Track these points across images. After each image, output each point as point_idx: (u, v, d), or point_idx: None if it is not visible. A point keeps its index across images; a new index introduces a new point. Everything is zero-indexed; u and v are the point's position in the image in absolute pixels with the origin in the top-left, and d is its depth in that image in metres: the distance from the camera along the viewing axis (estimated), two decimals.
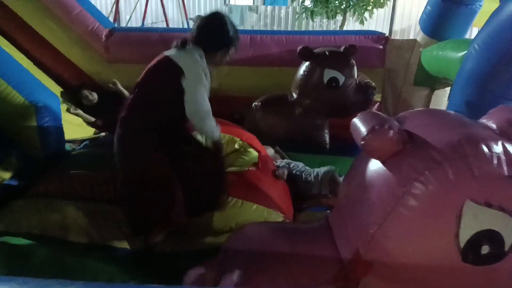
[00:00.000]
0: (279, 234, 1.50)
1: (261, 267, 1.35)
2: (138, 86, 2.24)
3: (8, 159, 2.71)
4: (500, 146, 1.09)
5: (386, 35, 3.85)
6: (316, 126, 3.27)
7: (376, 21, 7.68)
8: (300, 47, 3.15)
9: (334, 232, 1.41)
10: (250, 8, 8.48)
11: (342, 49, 3.12)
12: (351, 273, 1.26)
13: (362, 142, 1.17)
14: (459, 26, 3.38)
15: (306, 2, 7.14)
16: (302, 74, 3.19)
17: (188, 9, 7.97)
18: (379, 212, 1.17)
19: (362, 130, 1.18)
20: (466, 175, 1.07)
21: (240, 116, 3.42)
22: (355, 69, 3.15)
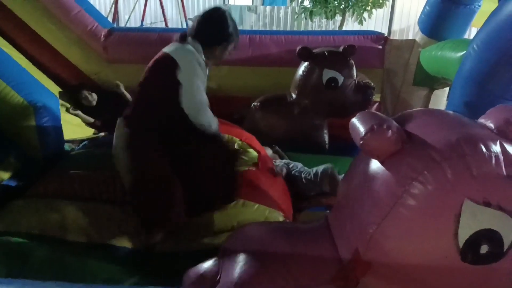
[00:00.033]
0: (279, 234, 1.49)
1: (260, 267, 1.35)
2: (140, 85, 2.25)
3: (7, 160, 2.70)
4: (498, 145, 1.09)
5: (385, 35, 3.86)
6: (315, 126, 3.27)
7: (375, 21, 7.69)
8: (299, 47, 3.15)
9: (334, 232, 1.41)
10: (249, 8, 8.48)
11: (341, 49, 3.12)
12: (351, 273, 1.26)
13: (361, 142, 1.17)
14: (458, 26, 3.38)
15: (305, 2, 7.14)
16: (301, 74, 3.19)
17: (187, 9, 7.97)
18: (378, 211, 1.17)
19: (360, 130, 1.18)
20: (465, 175, 1.07)
21: (239, 116, 3.42)
22: (354, 69, 3.15)
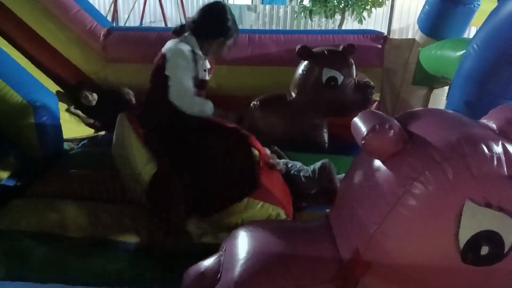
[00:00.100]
0: (279, 233, 1.49)
1: (261, 266, 1.35)
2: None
3: (6, 159, 2.70)
4: (499, 146, 1.09)
5: (385, 35, 3.85)
6: (315, 125, 3.27)
7: (374, 20, 7.70)
8: (298, 46, 3.15)
9: (334, 231, 1.41)
10: (248, 7, 8.47)
11: (341, 48, 3.11)
12: (350, 272, 1.26)
13: (363, 142, 1.17)
14: (458, 26, 3.38)
15: (305, 1, 7.14)
16: (301, 73, 3.19)
17: (186, 8, 7.97)
18: (379, 211, 1.17)
19: (362, 129, 1.18)
20: (465, 175, 1.07)
21: (239, 115, 3.42)
22: (354, 68, 3.15)
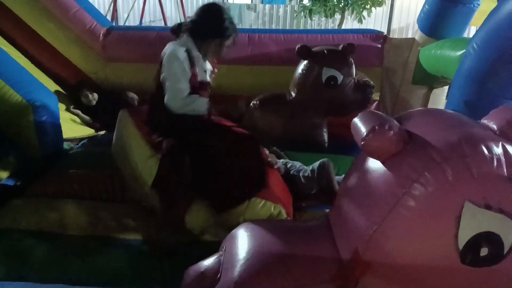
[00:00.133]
0: (279, 233, 1.49)
1: (261, 266, 1.35)
2: None
3: (6, 159, 2.70)
4: (499, 147, 1.08)
5: (385, 34, 3.86)
6: (314, 125, 3.26)
7: (374, 19, 7.69)
8: (298, 46, 3.14)
9: (334, 231, 1.41)
10: (248, 6, 8.47)
11: (341, 47, 3.11)
12: (350, 272, 1.26)
13: (362, 143, 1.17)
14: (457, 25, 3.38)
15: (305, 1, 7.14)
16: (301, 72, 3.18)
17: (186, 7, 7.96)
18: (379, 212, 1.17)
19: (362, 130, 1.17)
20: (465, 176, 1.07)
21: (238, 115, 3.41)
22: (354, 67, 3.15)
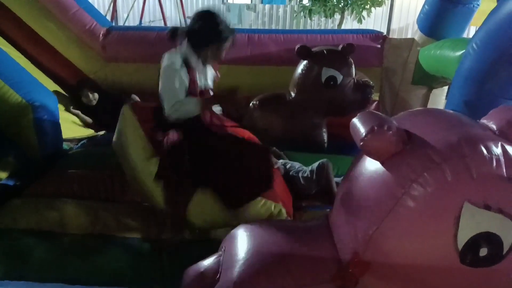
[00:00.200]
0: (279, 233, 1.49)
1: (260, 266, 1.35)
2: None
3: (6, 159, 2.70)
4: (499, 147, 1.08)
5: (384, 34, 3.86)
6: (314, 125, 3.26)
7: (374, 20, 7.69)
8: (298, 46, 3.14)
9: (333, 231, 1.41)
10: (248, 6, 8.47)
11: (340, 47, 3.11)
12: (350, 272, 1.26)
13: (361, 143, 1.17)
14: (457, 25, 3.38)
15: (304, 1, 7.14)
16: (300, 73, 3.18)
17: (186, 7, 7.96)
18: (378, 212, 1.17)
19: (361, 130, 1.17)
20: (464, 176, 1.06)
21: (238, 115, 3.41)
22: (353, 68, 3.15)
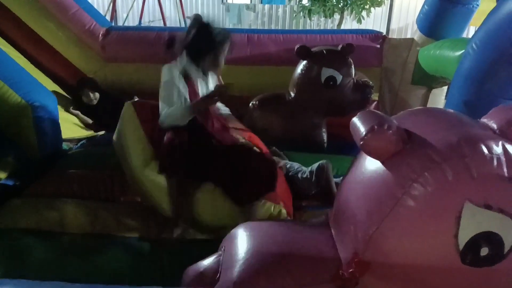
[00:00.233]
0: (279, 233, 1.49)
1: (260, 266, 1.35)
2: None
3: (5, 159, 2.69)
4: (499, 146, 1.08)
5: (384, 34, 3.86)
6: (313, 125, 3.27)
7: (373, 20, 7.69)
8: (297, 46, 3.15)
9: (333, 231, 1.41)
10: (247, 6, 8.47)
11: (340, 48, 3.12)
12: (350, 272, 1.25)
13: (361, 143, 1.16)
14: (456, 25, 3.38)
15: (304, 1, 7.14)
16: (300, 73, 3.19)
17: (185, 7, 7.95)
18: (378, 212, 1.17)
19: (361, 130, 1.17)
20: (465, 176, 1.06)
21: (237, 115, 3.41)
22: (353, 68, 3.15)
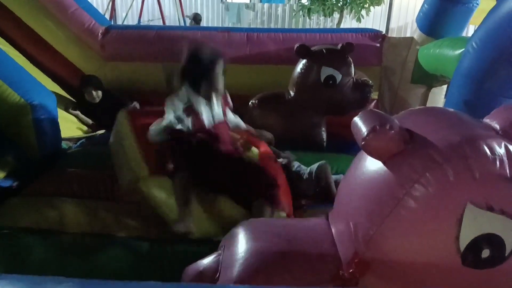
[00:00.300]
0: (279, 232, 1.48)
1: (260, 266, 1.34)
2: None
3: (5, 158, 2.69)
4: (502, 147, 1.07)
5: (383, 33, 3.86)
6: (313, 124, 3.26)
7: (373, 19, 7.71)
8: (297, 45, 3.15)
9: (334, 231, 1.40)
10: (247, 5, 8.48)
11: (339, 47, 3.11)
12: (350, 272, 1.25)
13: (363, 142, 1.15)
14: (456, 24, 3.38)
15: (303, 0, 7.13)
16: (299, 72, 3.18)
17: (184, 6, 7.96)
18: (379, 213, 1.16)
19: (363, 130, 1.16)
20: (467, 177, 1.05)
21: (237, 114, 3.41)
22: (352, 67, 3.15)
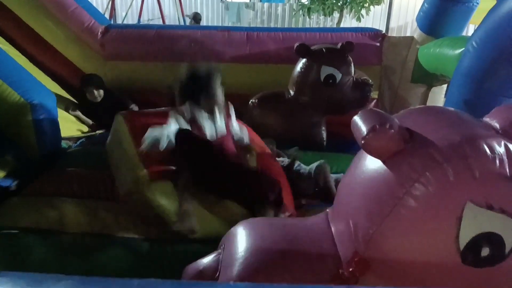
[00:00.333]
0: (279, 231, 1.48)
1: (259, 265, 1.34)
2: None
3: (5, 158, 2.69)
4: (502, 146, 1.07)
5: (383, 32, 3.86)
6: (313, 123, 3.27)
7: (373, 18, 7.70)
8: (297, 44, 3.15)
9: (333, 230, 1.40)
10: (247, 5, 8.48)
11: (339, 46, 3.12)
12: (350, 272, 1.25)
13: (363, 142, 1.15)
14: (456, 24, 3.38)
15: None
16: (299, 71, 3.19)
17: (184, 6, 7.96)
18: (379, 212, 1.16)
19: (363, 129, 1.16)
20: (467, 176, 1.05)
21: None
22: (352, 66, 3.15)
